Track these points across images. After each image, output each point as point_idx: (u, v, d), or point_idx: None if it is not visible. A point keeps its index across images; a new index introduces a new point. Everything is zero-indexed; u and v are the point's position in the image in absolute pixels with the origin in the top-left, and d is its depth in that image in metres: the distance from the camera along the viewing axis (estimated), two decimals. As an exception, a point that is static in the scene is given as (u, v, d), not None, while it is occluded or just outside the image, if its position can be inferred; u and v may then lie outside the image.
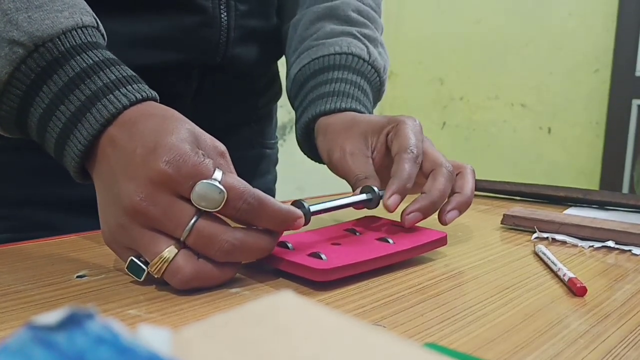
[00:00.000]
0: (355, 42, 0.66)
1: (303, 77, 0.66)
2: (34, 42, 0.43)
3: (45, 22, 0.43)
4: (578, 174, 2.17)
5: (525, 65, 2.25)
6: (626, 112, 2.05)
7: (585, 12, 2.11)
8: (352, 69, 0.65)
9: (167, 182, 0.39)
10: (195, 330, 0.20)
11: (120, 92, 0.43)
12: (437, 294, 0.42)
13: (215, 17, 0.64)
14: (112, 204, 0.41)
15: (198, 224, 0.39)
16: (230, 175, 0.40)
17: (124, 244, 0.41)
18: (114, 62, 0.45)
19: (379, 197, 0.51)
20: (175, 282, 0.39)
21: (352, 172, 0.55)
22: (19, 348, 0.16)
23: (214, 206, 0.39)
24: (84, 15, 0.46)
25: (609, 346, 0.34)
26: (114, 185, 0.41)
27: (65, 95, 0.43)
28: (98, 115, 0.42)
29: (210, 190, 0.38)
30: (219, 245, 0.39)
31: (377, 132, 0.56)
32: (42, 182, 0.63)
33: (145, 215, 0.39)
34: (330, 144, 0.58)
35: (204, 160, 0.39)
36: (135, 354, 0.17)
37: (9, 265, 0.44)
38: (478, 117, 2.38)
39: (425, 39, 2.48)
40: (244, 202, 0.39)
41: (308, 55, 0.66)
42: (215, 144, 0.43)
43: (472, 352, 0.33)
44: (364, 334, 0.21)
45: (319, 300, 0.40)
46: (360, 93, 0.64)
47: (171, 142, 0.39)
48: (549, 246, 0.56)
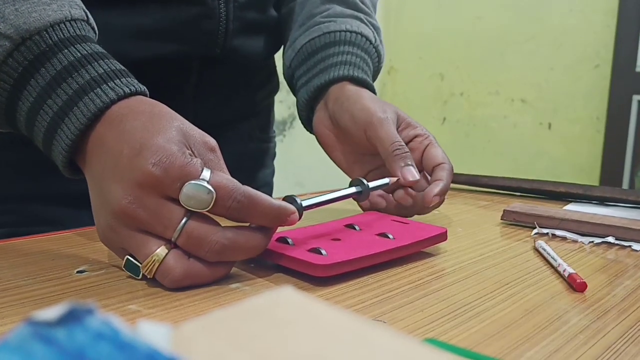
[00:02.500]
0: (363, 25, 0.68)
1: (312, 48, 0.67)
2: (20, 35, 0.42)
3: (33, 14, 0.43)
4: (578, 169, 2.17)
5: (526, 61, 2.24)
6: (626, 108, 2.04)
7: (586, 8, 2.11)
8: (361, 47, 0.66)
9: (154, 184, 0.38)
10: (195, 326, 0.20)
11: (108, 86, 0.42)
12: (437, 290, 0.42)
13: (214, 8, 0.64)
14: (102, 205, 0.41)
15: (187, 226, 0.38)
16: (218, 174, 0.39)
17: (116, 245, 0.41)
18: (102, 55, 0.45)
19: (369, 190, 0.53)
20: (167, 282, 0.39)
21: (396, 139, 0.57)
22: (19, 344, 0.16)
23: (203, 206, 0.38)
24: (72, 8, 0.45)
25: (608, 342, 0.34)
26: (103, 187, 0.40)
27: (52, 89, 0.43)
28: (85, 109, 0.42)
29: (199, 190, 0.38)
30: (209, 246, 0.39)
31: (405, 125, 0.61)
32: (42, 176, 0.63)
33: (134, 218, 0.39)
34: (359, 106, 0.60)
35: (191, 161, 0.39)
36: (135, 349, 0.17)
37: (9, 260, 0.44)
38: (478, 113, 2.38)
39: (425, 34, 2.48)
40: (234, 200, 0.39)
41: (319, 29, 0.67)
42: (205, 140, 0.42)
43: (472, 348, 0.33)
44: (364, 330, 0.21)
45: (319, 295, 0.40)
46: (367, 69, 0.66)
47: (157, 143, 0.39)
48: (549, 242, 0.56)
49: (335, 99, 0.62)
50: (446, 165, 0.59)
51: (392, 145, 0.57)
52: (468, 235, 0.58)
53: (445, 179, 0.57)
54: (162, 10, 0.62)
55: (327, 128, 0.63)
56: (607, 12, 2.07)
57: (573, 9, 2.13)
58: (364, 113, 0.59)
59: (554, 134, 2.22)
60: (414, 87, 2.54)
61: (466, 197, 0.78)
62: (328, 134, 0.64)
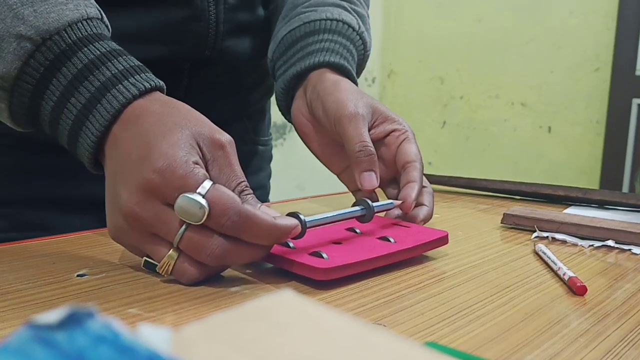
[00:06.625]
0: (346, 12, 0.67)
1: (292, 38, 0.65)
2: (41, 35, 0.43)
3: (51, 15, 0.43)
4: (578, 173, 2.17)
5: (526, 64, 2.24)
6: (626, 111, 2.05)
7: (586, 10, 2.11)
8: (342, 34, 0.64)
9: (155, 191, 0.39)
10: (196, 329, 0.20)
11: (129, 82, 0.43)
12: (438, 293, 0.42)
13: (203, 10, 0.64)
14: (113, 205, 0.42)
15: (187, 233, 0.39)
16: (219, 188, 0.39)
17: (126, 243, 0.43)
18: (120, 52, 0.45)
19: (373, 212, 0.51)
20: (185, 280, 0.41)
21: (362, 138, 0.55)
22: (20, 347, 0.16)
23: (194, 220, 0.38)
24: (88, 7, 0.46)
25: (609, 345, 0.34)
26: (115, 188, 0.41)
27: (75, 87, 0.43)
28: (109, 106, 0.43)
29: (190, 205, 0.38)
30: (210, 251, 0.39)
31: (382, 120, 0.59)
32: (33, 181, 0.63)
33: (140, 221, 0.40)
34: (332, 98, 0.57)
35: (192, 170, 0.39)
36: (136, 353, 0.17)
37: (10, 264, 0.44)
38: (478, 116, 2.38)
39: (425, 37, 2.48)
40: (228, 219, 0.38)
41: (299, 20, 0.66)
42: (214, 137, 0.42)
43: (472, 351, 0.33)
44: (364, 333, 0.21)
45: (319, 299, 0.40)
46: (349, 56, 0.64)
47: (163, 149, 0.39)
48: (549, 245, 0.56)
49: (313, 87, 0.60)
50: (416, 164, 0.56)
51: (356, 146, 0.55)
52: (468, 238, 0.58)
53: (418, 179, 0.55)
54: (151, 13, 0.62)
55: (305, 117, 0.62)
56: (607, 15, 2.07)
57: (573, 11, 2.13)
58: (336, 106, 0.56)
59: (553, 137, 2.22)
60: (414, 91, 2.54)
61: (466, 200, 0.78)
62: (306, 124, 0.62)
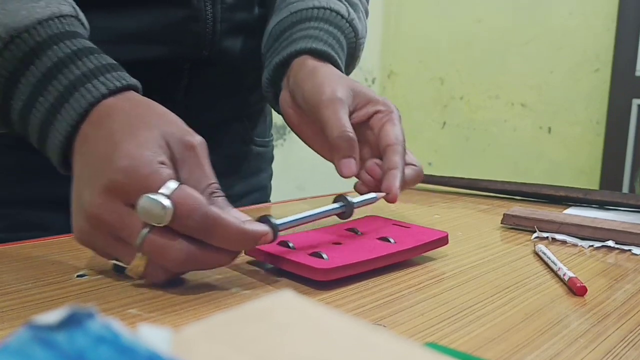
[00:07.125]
0: (334, 0, 0.65)
1: (280, 29, 0.64)
2: (9, 33, 0.42)
3: (21, 12, 0.43)
4: (578, 173, 2.17)
5: (526, 65, 2.24)
6: (626, 112, 2.05)
7: (586, 11, 2.11)
8: (330, 22, 0.63)
9: (118, 191, 0.38)
10: (196, 330, 0.20)
11: (99, 81, 0.42)
12: (438, 294, 0.42)
13: (200, 10, 0.63)
14: (78, 206, 0.40)
15: (150, 236, 0.37)
16: (185, 189, 0.37)
17: (91, 246, 0.41)
18: (92, 50, 0.44)
19: (353, 207, 0.50)
20: (157, 282, 0.40)
21: (340, 123, 0.52)
22: (20, 347, 0.16)
23: (157, 222, 0.37)
24: (61, 4, 0.45)
25: (609, 346, 0.34)
26: (80, 189, 0.40)
27: (43, 86, 0.42)
28: (77, 105, 0.41)
29: (153, 205, 0.36)
30: (172, 256, 0.37)
31: (365, 102, 0.56)
32: (32, 181, 0.63)
33: (103, 223, 0.38)
34: (310, 84, 0.55)
35: (157, 170, 0.37)
36: (136, 353, 0.17)
37: (9, 264, 0.44)
38: (478, 117, 2.38)
39: (425, 38, 2.48)
40: (192, 220, 0.37)
41: (287, 10, 0.65)
42: (184, 139, 0.40)
43: (472, 352, 0.33)
44: (364, 334, 0.21)
45: (319, 299, 0.40)
46: (336, 44, 0.62)
47: (129, 148, 0.38)
48: (549, 246, 0.56)
49: (295, 75, 0.58)
50: (397, 147, 0.53)
51: (334, 131, 0.52)
52: (468, 239, 0.58)
53: (399, 165, 0.53)
54: (148, 13, 0.62)
55: (290, 107, 0.60)
56: (607, 16, 2.07)
57: (573, 12, 2.13)
58: (314, 91, 0.54)
59: (553, 138, 2.22)
60: (414, 91, 2.54)
61: (466, 201, 0.78)
62: (292, 114, 0.60)
